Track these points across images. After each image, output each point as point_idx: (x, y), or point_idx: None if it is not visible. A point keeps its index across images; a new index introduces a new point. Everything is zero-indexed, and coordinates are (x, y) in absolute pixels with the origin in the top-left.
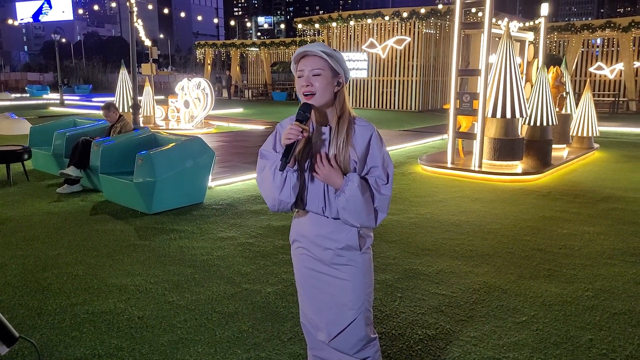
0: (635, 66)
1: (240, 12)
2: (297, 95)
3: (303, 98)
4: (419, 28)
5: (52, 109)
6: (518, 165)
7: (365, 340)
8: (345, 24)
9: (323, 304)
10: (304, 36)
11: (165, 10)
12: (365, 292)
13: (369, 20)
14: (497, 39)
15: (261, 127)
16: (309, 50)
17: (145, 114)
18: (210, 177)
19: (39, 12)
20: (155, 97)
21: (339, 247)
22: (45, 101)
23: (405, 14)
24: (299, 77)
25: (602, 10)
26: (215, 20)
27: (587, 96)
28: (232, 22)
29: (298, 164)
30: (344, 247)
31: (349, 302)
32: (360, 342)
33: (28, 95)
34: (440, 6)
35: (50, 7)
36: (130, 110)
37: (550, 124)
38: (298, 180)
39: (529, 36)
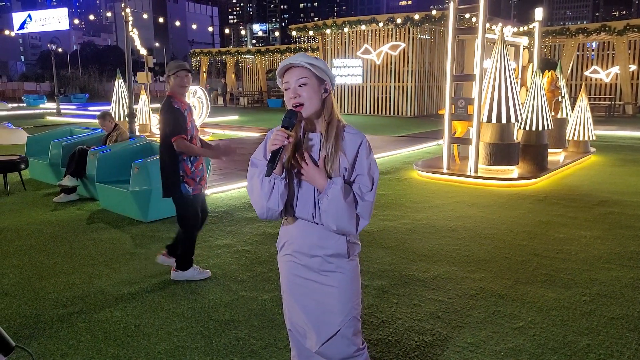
0: (630, 69)
1: (235, 20)
2: (287, 107)
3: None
4: (413, 34)
5: (48, 118)
6: (514, 170)
7: (354, 349)
8: (340, 31)
9: (311, 311)
10: (298, 43)
11: (161, 20)
12: (352, 300)
13: (363, 27)
14: (491, 44)
15: (256, 134)
16: (292, 62)
17: (141, 123)
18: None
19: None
20: (152, 106)
21: (328, 254)
22: (42, 111)
23: (399, 20)
24: (285, 89)
25: (597, 14)
26: (210, 29)
27: (582, 100)
28: (227, 30)
29: (287, 171)
30: (332, 254)
31: (336, 309)
32: (348, 349)
33: (25, 104)
34: (434, 12)
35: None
36: (126, 118)
37: (545, 128)
38: (286, 188)
39: (524, 41)
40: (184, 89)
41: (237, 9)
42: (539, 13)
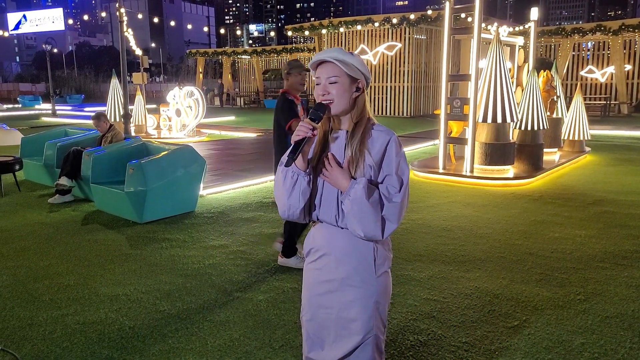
0: (626, 69)
1: (231, 20)
2: (316, 100)
3: None
4: (409, 34)
5: (44, 119)
6: (509, 170)
7: None
8: (336, 31)
9: (330, 325)
10: (295, 43)
11: (156, 20)
12: (376, 318)
13: (360, 27)
14: (487, 43)
15: (253, 135)
16: (324, 57)
17: (137, 123)
18: (201, 186)
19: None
20: (147, 106)
21: (353, 266)
22: (37, 111)
23: (395, 20)
24: (317, 84)
25: (592, 14)
26: (206, 29)
27: (578, 100)
28: (223, 31)
29: (313, 170)
30: (358, 267)
31: (357, 326)
32: None
33: (20, 105)
34: (430, 12)
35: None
36: (122, 119)
37: (541, 128)
38: (309, 185)
39: (519, 40)
40: (302, 86)
41: (233, 9)
42: (534, 13)
